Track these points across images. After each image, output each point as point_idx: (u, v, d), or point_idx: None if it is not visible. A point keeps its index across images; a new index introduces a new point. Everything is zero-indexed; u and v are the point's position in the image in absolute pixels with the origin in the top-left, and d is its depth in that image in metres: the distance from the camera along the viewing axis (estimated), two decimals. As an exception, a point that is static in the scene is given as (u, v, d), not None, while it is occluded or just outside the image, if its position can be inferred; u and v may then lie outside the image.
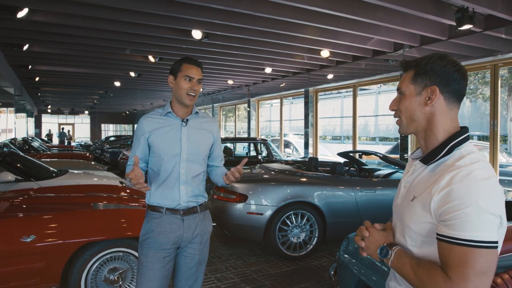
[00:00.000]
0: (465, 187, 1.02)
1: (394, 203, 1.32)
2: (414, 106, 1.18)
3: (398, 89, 1.24)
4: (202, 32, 6.26)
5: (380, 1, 4.65)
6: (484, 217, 1.00)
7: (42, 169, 5.60)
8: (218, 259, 4.45)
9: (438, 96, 1.15)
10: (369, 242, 1.23)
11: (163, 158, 2.09)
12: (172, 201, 2.08)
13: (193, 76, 2.07)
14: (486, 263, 1.00)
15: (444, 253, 1.04)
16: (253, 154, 9.25)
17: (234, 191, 4.47)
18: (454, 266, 1.01)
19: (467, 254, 1.00)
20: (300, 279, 3.93)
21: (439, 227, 1.06)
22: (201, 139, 2.17)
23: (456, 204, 1.02)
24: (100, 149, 14.79)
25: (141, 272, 2.05)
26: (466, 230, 1.00)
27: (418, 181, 1.18)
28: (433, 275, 1.04)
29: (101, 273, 3.07)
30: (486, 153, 8.92)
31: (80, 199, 3.79)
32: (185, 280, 2.15)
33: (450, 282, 1.00)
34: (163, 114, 2.15)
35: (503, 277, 1.90)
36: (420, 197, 1.13)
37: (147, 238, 2.07)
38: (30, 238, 2.74)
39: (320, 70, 9.65)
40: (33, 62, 9.44)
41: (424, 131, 1.19)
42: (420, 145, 1.23)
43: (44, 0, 5.02)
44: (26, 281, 2.77)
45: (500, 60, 7.58)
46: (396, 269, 1.16)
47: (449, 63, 1.15)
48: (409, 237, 1.17)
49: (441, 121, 1.16)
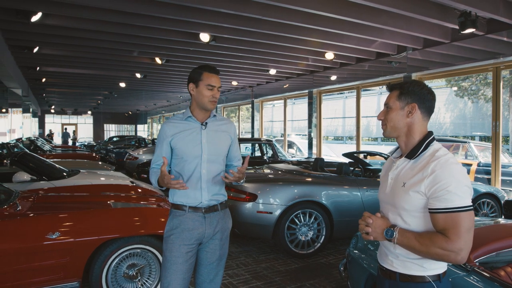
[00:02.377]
0: (446, 170, 1.42)
1: (382, 193, 1.67)
2: (398, 117, 1.57)
3: (386, 104, 1.62)
4: (210, 35, 6.39)
5: (385, 5, 4.78)
6: (463, 189, 1.40)
7: (55, 169, 5.73)
8: (228, 257, 4.56)
9: (416, 111, 1.55)
10: (375, 227, 1.51)
11: (186, 160, 2.22)
12: (194, 199, 2.22)
13: (214, 85, 2.20)
14: (470, 221, 1.39)
15: (439, 221, 1.41)
16: (258, 155, 9.39)
17: (244, 191, 4.60)
18: (450, 228, 1.38)
19: (458, 218, 1.38)
20: (309, 275, 4.07)
21: (432, 203, 1.42)
22: (219, 141, 2.31)
23: (442, 184, 1.40)
24: (105, 150, 14.92)
25: (166, 266, 2.19)
26: (454, 201, 1.38)
27: (405, 172, 1.55)
28: (435, 239, 1.39)
29: (121, 269, 3.21)
30: (488, 154, 9.05)
31: (98, 198, 3.92)
32: (207, 274, 2.28)
33: (450, 240, 1.37)
34: (184, 119, 2.27)
35: (506, 270, 2.04)
36: (409, 182, 1.49)
37: (171, 234, 2.20)
38: (55, 235, 2.88)
39: (324, 72, 9.78)
40: (42, 64, 9.58)
41: (405, 135, 1.58)
42: (400, 146, 1.63)
43: (58, 4, 5.16)
44: (51, 276, 2.90)
45: (502, 62, 7.70)
46: (401, 244, 1.47)
47: (425, 88, 1.56)
48: (404, 216, 1.51)
49: (417, 128, 1.56)
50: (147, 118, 35.16)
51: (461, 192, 1.39)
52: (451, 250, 1.36)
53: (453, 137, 17.33)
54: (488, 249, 2.20)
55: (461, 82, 17.05)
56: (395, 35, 6.51)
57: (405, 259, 1.51)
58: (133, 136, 20.04)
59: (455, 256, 1.36)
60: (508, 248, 2.33)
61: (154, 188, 5.35)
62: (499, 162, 7.89)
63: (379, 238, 1.51)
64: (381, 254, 1.65)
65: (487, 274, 1.87)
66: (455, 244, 1.36)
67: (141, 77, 10.97)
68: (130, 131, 36.07)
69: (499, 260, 2.36)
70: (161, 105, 23.18)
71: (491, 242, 2.27)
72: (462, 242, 1.36)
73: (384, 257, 1.61)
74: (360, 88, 11.92)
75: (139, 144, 15.78)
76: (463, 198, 1.39)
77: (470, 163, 8.94)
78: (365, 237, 1.53)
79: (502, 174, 8.00)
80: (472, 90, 16.68)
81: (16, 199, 3.37)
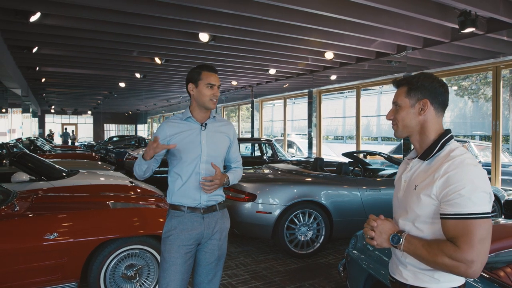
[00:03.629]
0: (461, 172, 1.26)
1: (395, 197, 1.51)
2: (409, 116, 1.42)
3: (394, 102, 1.47)
4: (210, 35, 6.38)
5: (385, 5, 4.77)
6: (478, 194, 1.23)
7: (54, 169, 5.71)
8: (228, 257, 4.58)
9: (429, 107, 1.40)
10: (380, 232, 1.37)
11: (185, 161, 2.21)
12: (193, 200, 2.21)
13: (214, 83, 2.20)
14: (485, 230, 1.22)
15: (450, 228, 1.25)
16: (258, 154, 9.38)
17: (243, 191, 4.59)
18: (461, 236, 1.22)
19: (470, 226, 1.22)
20: (308, 275, 4.06)
21: (443, 207, 1.27)
22: (219, 142, 2.30)
23: (455, 186, 1.24)
24: (105, 149, 14.90)
25: (164, 267, 2.18)
26: (467, 206, 1.22)
27: (418, 174, 1.40)
28: (443, 248, 1.24)
29: (119, 270, 3.20)
30: (488, 153, 9.04)
31: (96, 198, 3.91)
32: (205, 274, 2.27)
33: (459, 250, 1.21)
34: (183, 119, 2.26)
35: (505, 270, 2.03)
36: (421, 184, 1.35)
37: (170, 235, 2.19)
38: (52, 236, 2.87)
39: (324, 71, 9.77)
40: (41, 64, 9.57)
41: (419, 134, 1.43)
42: (414, 146, 1.48)
43: (57, 5, 5.14)
44: (49, 276, 2.89)
45: (502, 62, 7.68)
46: (408, 252, 1.33)
47: (435, 80, 1.41)
48: (416, 222, 1.36)
49: (432, 125, 1.41)
50: (147, 118, 35.18)
51: (476, 197, 1.22)
52: (461, 261, 1.20)
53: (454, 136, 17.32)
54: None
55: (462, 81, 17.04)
56: (395, 35, 6.49)
57: (415, 269, 1.38)
58: (133, 136, 20.00)
59: (465, 268, 1.20)
60: (507, 248, 2.32)
61: (154, 188, 5.36)
62: (499, 162, 7.88)
63: (384, 244, 1.37)
64: (392, 264, 1.51)
65: (486, 275, 1.86)
66: (465, 254, 1.20)
67: (140, 77, 10.96)
68: (130, 131, 36.07)
69: (498, 261, 2.35)
70: (161, 105, 23.18)
71: (491, 242, 2.25)
72: (474, 253, 1.19)
73: (394, 268, 1.48)
74: (360, 88, 11.91)
75: (139, 144, 15.76)
76: (477, 204, 1.22)
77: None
78: (370, 242, 1.40)
79: (502, 174, 7.99)
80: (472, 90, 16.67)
81: (14, 200, 3.36)
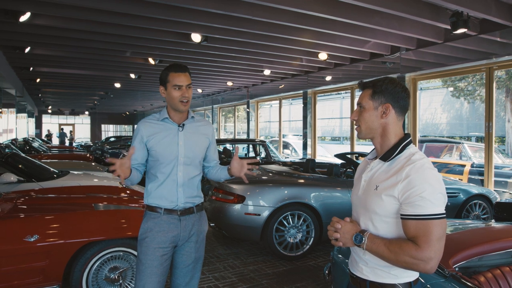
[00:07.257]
0: (421, 175, 1.34)
1: (354, 196, 1.58)
2: (372, 118, 1.49)
3: (358, 103, 1.53)
4: (202, 35, 6.35)
5: (377, 5, 4.74)
6: (437, 196, 1.33)
7: (44, 170, 5.67)
8: (216, 259, 4.54)
9: (391, 111, 1.47)
10: (343, 233, 1.44)
11: (162, 162, 2.18)
12: (170, 202, 2.17)
13: (181, 84, 2.14)
14: (442, 229, 1.33)
15: (411, 228, 1.34)
16: (252, 155, 9.34)
17: (232, 192, 4.55)
18: (421, 236, 1.31)
19: (430, 225, 1.31)
20: (297, 278, 4.02)
21: (404, 208, 1.35)
22: (197, 143, 2.26)
23: (417, 189, 1.33)
24: (100, 150, 14.85)
25: (140, 269, 2.14)
26: (427, 207, 1.32)
27: (379, 174, 1.47)
28: (404, 246, 1.32)
29: (102, 272, 3.16)
30: (483, 155, 9.01)
31: (81, 200, 3.88)
32: (182, 277, 2.24)
33: (419, 248, 1.30)
34: (160, 120, 2.23)
35: (486, 276, 1.99)
36: (383, 185, 1.42)
37: (146, 237, 2.16)
38: (33, 238, 2.83)
39: (318, 72, 9.74)
40: (35, 64, 9.53)
41: (380, 137, 1.50)
42: (376, 148, 1.55)
43: (46, 5, 5.11)
44: (30, 280, 2.86)
45: (495, 63, 7.66)
46: (371, 251, 1.40)
47: (398, 85, 1.48)
48: (375, 220, 1.44)
49: (393, 129, 1.49)
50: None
51: (435, 199, 1.32)
52: (421, 259, 1.30)
53: (450, 137, 17.29)
54: (469, 254, 2.15)
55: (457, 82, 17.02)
56: (388, 36, 6.46)
57: (375, 266, 1.45)
58: (129, 137, 19.97)
59: (424, 265, 1.30)
60: (490, 252, 2.29)
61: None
62: (492, 163, 7.85)
63: (348, 243, 1.44)
64: (351, 261, 1.57)
65: (465, 280, 1.82)
66: (425, 252, 1.29)
67: (135, 78, 10.92)
68: (128, 132, 36.02)
69: (482, 265, 2.31)
70: (157, 106, 23.10)
71: (473, 246, 2.22)
72: (432, 251, 1.30)
73: (354, 264, 1.54)
74: (355, 89, 11.87)
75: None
76: (436, 205, 1.32)
77: (463, 164, 8.91)
78: (335, 243, 1.46)
79: (495, 175, 7.96)
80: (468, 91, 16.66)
81: (-3, 201, 3.32)
